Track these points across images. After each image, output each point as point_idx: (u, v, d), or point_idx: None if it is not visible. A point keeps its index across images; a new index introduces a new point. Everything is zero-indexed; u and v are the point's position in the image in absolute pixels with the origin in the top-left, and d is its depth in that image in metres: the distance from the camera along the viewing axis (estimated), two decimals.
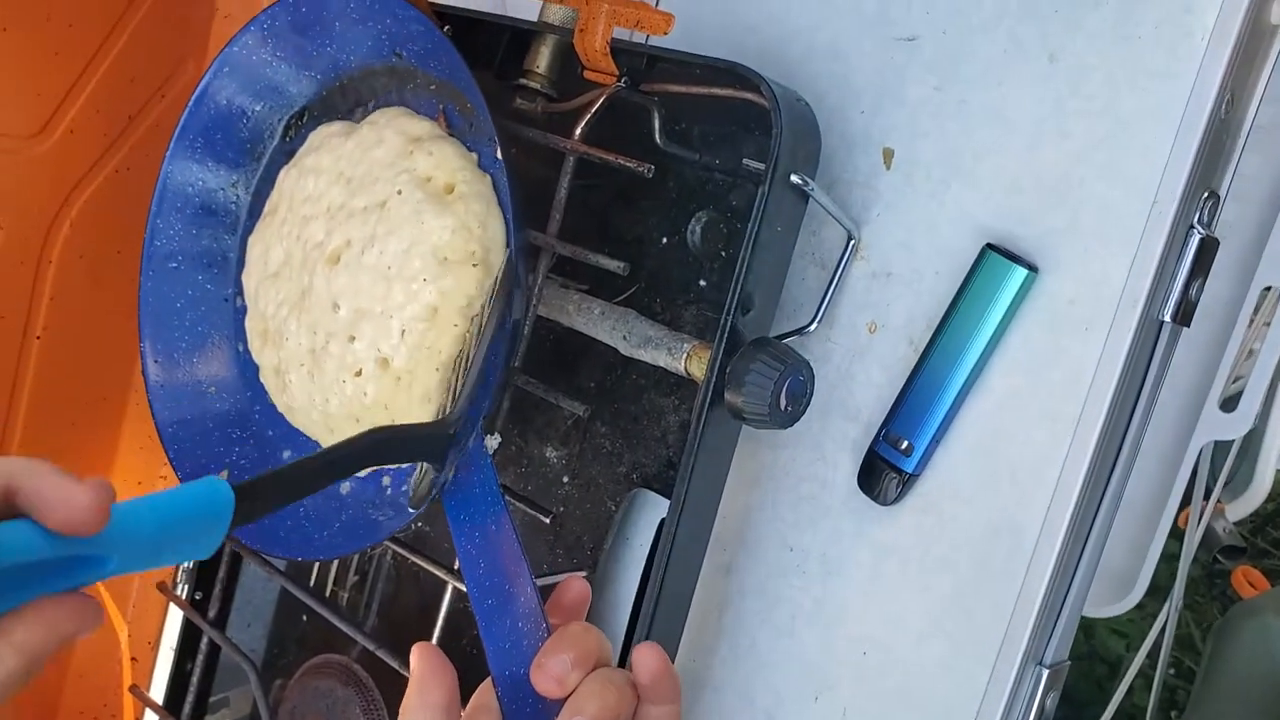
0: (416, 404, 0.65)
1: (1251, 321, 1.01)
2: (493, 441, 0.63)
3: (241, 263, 0.76)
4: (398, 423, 0.66)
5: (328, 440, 0.72)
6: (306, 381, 0.70)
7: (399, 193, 0.65)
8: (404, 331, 0.64)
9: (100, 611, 0.41)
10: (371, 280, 0.65)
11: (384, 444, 0.54)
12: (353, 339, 0.66)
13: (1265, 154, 1.00)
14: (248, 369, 0.76)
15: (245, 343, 0.76)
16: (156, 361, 0.75)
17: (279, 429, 0.75)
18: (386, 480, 0.70)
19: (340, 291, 0.67)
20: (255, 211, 0.76)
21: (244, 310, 0.76)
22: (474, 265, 0.63)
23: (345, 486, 0.72)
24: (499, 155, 0.63)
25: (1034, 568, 0.62)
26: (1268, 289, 1.00)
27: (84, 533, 0.38)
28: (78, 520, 0.38)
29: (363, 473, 0.70)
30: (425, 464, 0.61)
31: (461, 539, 0.58)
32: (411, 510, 0.62)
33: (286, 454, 0.75)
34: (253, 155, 0.76)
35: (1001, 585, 0.63)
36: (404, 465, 0.69)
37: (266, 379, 0.74)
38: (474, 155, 0.67)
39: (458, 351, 0.64)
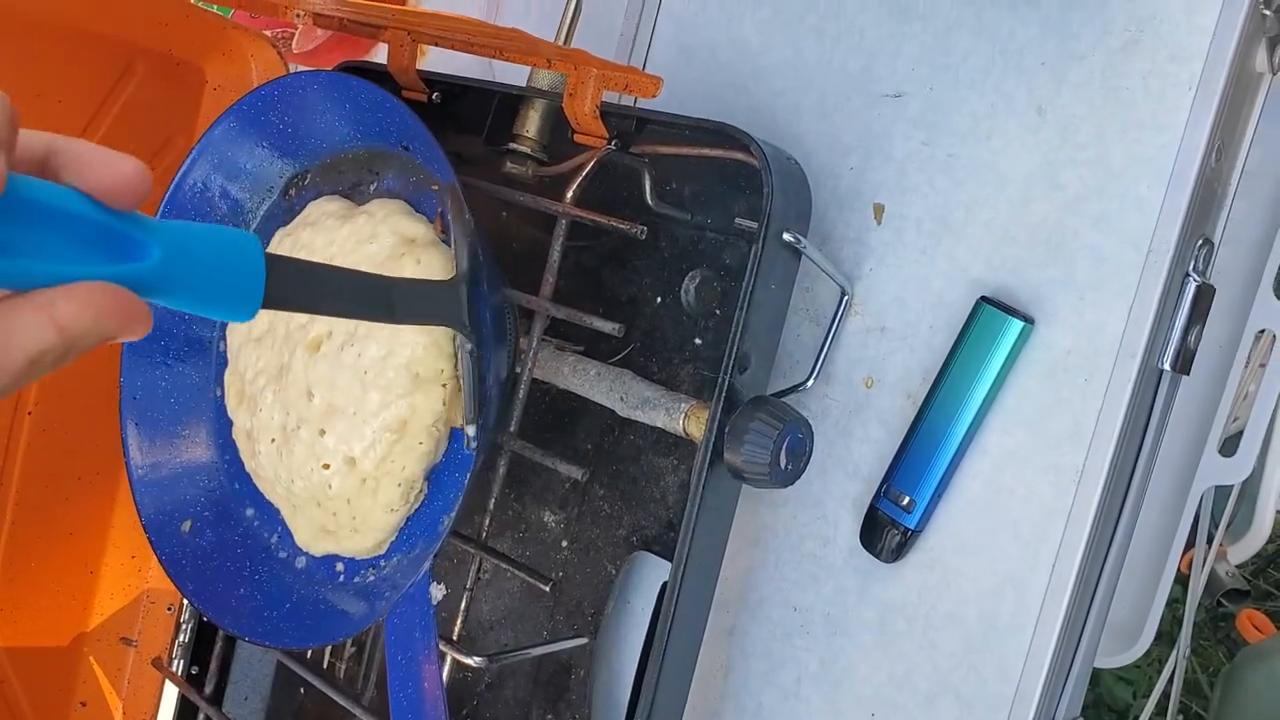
0: (380, 510, 0.66)
1: (1247, 364, 1.00)
2: (438, 591, 0.63)
3: None
4: (360, 501, 0.67)
5: (289, 510, 0.72)
6: (275, 456, 0.71)
7: None
8: (374, 441, 0.65)
9: (148, 318, 0.38)
10: (348, 379, 0.66)
11: (400, 295, 0.52)
12: (323, 432, 0.67)
13: (1253, 198, 1.01)
14: (222, 416, 0.76)
15: (222, 390, 0.76)
16: (135, 399, 0.76)
17: (245, 485, 0.75)
18: (340, 567, 0.70)
19: (316, 381, 0.67)
20: None
21: (225, 357, 0.77)
22: (443, 385, 0.64)
23: (301, 561, 0.72)
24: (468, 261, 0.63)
25: (1042, 623, 0.61)
26: (1262, 332, 1.00)
27: (126, 199, 0.37)
28: (121, 182, 0.36)
29: (317, 552, 0.70)
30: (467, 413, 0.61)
31: (395, 685, 0.59)
32: (470, 450, 0.62)
33: (249, 511, 0.75)
34: (250, 206, 0.76)
35: (1010, 642, 0.62)
36: (359, 557, 0.69)
37: (238, 438, 0.75)
38: None
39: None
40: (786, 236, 0.62)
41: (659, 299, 0.72)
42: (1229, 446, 1.02)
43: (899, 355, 0.67)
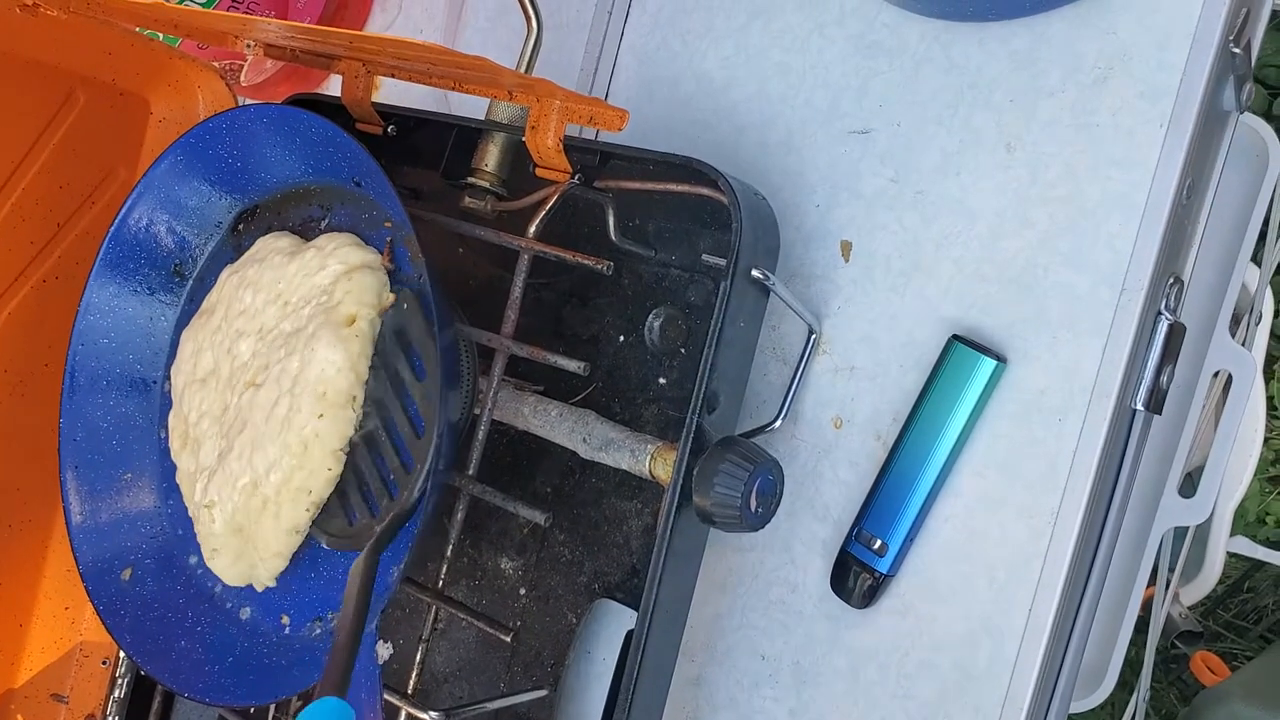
0: (283, 533, 0.64)
1: (1204, 406, 1.00)
2: (384, 651, 0.61)
3: (174, 349, 0.74)
4: (263, 522, 0.65)
5: (208, 552, 0.69)
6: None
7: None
8: (277, 462, 0.63)
9: None
10: (277, 400, 0.64)
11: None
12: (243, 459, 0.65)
13: (1207, 240, 1.01)
14: (166, 460, 0.73)
15: (166, 432, 0.73)
16: (75, 440, 0.73)
17: (188, 531, 0.72)
18: (286, 619, 0.68)
19: (250, 413, 0.65)
20: (196, 296, 0.74)
21: (169, 395, 0.74)
22: (353, 411, 0.62)
23: (245, 612, 0.69)
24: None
25: (1019, 669, 0.59)
26: (1217, 373, 1.00)
27: None
28: None
29: (240, 582, 0.68)
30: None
31: None
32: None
33: (193, 559, 0.72)
34: (196, 244, 0.74)
35: (986, 689, 0.60)
36: (304, 612, 0.67)
37: (181, 482, 0.72)
38: (393, 297, 0.64)
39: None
40: (755, 273, 0.61)
41: (622, 337, 0.70)
42: (1187, 487, 1.02)
43: (869, 395, 0.66)
